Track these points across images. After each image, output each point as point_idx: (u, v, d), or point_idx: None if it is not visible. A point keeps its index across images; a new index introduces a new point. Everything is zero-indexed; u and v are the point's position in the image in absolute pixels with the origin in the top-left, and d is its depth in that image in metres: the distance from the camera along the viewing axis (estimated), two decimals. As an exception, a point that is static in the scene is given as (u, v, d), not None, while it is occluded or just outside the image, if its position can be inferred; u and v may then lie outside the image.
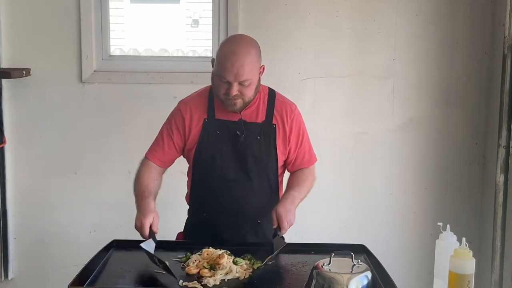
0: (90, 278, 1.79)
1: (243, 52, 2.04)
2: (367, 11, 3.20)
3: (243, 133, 2.13)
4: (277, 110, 2.19)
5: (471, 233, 3.23)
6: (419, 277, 3.20)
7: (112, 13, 3.27)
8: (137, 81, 3.19)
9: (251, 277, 1.81)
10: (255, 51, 2.09)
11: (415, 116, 3.28)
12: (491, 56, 3.20)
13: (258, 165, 2.16)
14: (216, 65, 2.08)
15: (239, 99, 2.07)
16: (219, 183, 2.16)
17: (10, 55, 3.14)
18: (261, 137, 2.15)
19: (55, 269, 3.23)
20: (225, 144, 2.15)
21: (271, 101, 2.19)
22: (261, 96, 2.18)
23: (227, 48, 2.06)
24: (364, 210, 3.31)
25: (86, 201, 3.26)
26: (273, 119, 2.17)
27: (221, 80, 2.06)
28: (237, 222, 2.17)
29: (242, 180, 2.16)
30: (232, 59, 2.01)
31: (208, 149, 2.15)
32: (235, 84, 2.03)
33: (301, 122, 2.24)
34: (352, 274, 1.61)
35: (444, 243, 1.72)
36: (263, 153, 2.16)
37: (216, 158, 2.15)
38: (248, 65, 2.03)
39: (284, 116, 2.18)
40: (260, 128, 2.15)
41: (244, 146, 2.14)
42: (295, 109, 2.23)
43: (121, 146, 3.24)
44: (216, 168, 2.15)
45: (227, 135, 2.15)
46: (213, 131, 2.15)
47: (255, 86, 2.09)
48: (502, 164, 2.91)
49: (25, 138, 3.21)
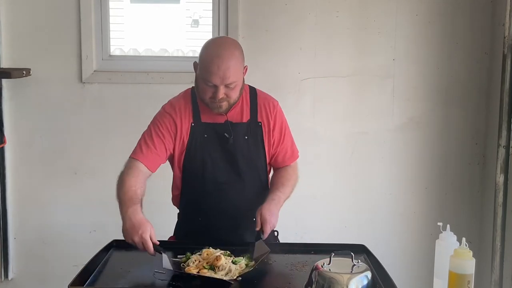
0: (90, 278, 1.80)
1: (227, 54, 2.03)
2: (367, 11, 3.20)
3: (231, 135, 2.13)
4: (260, 107, 2.18)
5: (471, 233, 3.23)
6: (419, 277, 3.20)
7: (112, 13, 3.27)
8: (137, 81, 3.19)
9: (251, 277, 1.81)
10: (238, 52, 2.08)
11: (415, 116, 3.28)
12: (491, 56, 3.20)
13: (249, 165, 2.17)
14: (201, 69, 2.07)
15: (225, 101, 2.07)
16: (211, 186, 2.16)
17: (10, 55, 3.14)
18: (248, 137, 2.16)
19: (55, 269, 3.23)
20: (214, 147, 2.14)
21: (253, 98, 2.19)
22: (243, 95, 2.17)
23: (211, 52, 2.05)
24: (364, 210, 3.31)
25: (86, 201, 3.26)
26: (258, 117, 2.17)
27: (206, 84, 2.04)
28: (233, 222, 2.17)
29: (234, 181, 2.16)
30: (218, 63, 2.00)
31: (198, 153, 2.14)
32: (222, 87, 2.03)
33: (283, 117, 2.24)
34: (352, 274, 1.61)
35: (444, 243, 1.72)
36: (252, 152, 2.16)
37: (207, 162, 2.14)
38: (233, 67, 2.03)
39: (268, 113, 2.18)
40: (246, 128, 2.16)
41: (233, 147, 2.14)
42: (277, 104, 2.23)
43: (121, 146, 3.20)
44: (208, 172, 2.15)
45: (215, 138, 2.14)
46: (200, 135, 2.14)
47: (240, 87, 2.10)
48: (502, 164, 2.91)
49: (25, 138, 3.21)
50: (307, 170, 2.55)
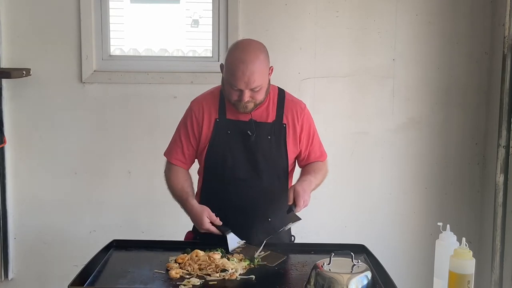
0: (90, 278, 1.80)
1: (252, 59, 2.05)
2: (367, 11, 3.20)
3: (254, 133, 2.15)
4: (287, 109, 2.21)
5: (471, 233, 3.23)
6: (419, 277, 3.20)
7: (112, 13, 3.27)
8: (137, 81, 3.19)
9: (251, 278, 1.81)
10: (263, 55, 2.10)
11: (415, 116, 3.28)
12: (491, 56, 3.20)
13: (269, 165, 2.18)
14: (226, 73, 2.10)
15: (251, 103, 2.10)
16: (230, 183, 2.18)
17: (10, 55, 3.14)
18: (271, 137, 2.17)
19: (55, 269, 3.23)
20: (236, 144, 2.17)
21: (281, 101, 2.22)
22: (270, 96, 2.20)
23: (236, 56, 2.07)
24: (364, 210, 3.31)
25: (86, 201, 3.26)
26: (283, 119, 2.20)
27: (232, 87, 2.08)
28: (248, 220, 2.17)
29: (253, 179, 2.18)
30: (242, 68, 2.03)
31: (220, 149, 2.17)
32: (247, 91, 2.06)
33: (311, 121, 2.28)
34: (352, 274, 1.61)
35: (444, 243, 1.72)
36: (273, 152, 2.18)
37: (228, 158, 2.17)
38: (258, 71, 2.05)
39: (295, 115, 2.21)
40: (270, 128, 2.18)
41: (254, 146, 2.16)
42: (304, 108, 2.26)
43: (121, 146, 3.24)
44: (228, 168, 2.17)
45: (238, 135, 2.17)
46: (224, 131, 2.17)
47: (266, 89, 2.12)
48: (502, 164, 2.91)
49: (25, 138, 3.21)
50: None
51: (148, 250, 2.06)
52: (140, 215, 3.24)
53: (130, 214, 3.25)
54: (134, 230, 3.15)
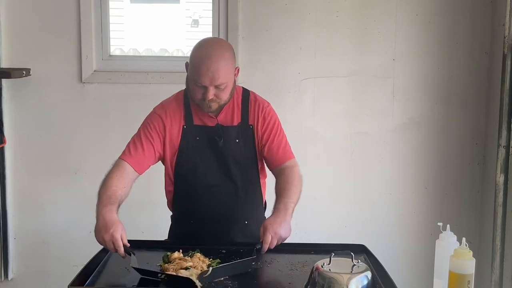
0: (90, 278, 1.80)
1: (217, 55, 2.02)
2: (367, 11, 3.20)
3: (221, 139, 2.12)
4: (251, 110, 2.17)
5: (471, 233, 3.23)
6: (419, 277, 3.20)
7: (112, 13, 3.27)
8: (137, 81, 3.19)
9: (251, 277, 1.81)
10: (229, 54, 2.07)
11: (415, 116, 3.28)
12: (491, 56, 3.20)
13: (240, 168, 2.15)
14: (191, 70, 2.07)
15: (215, 102, 2.06)
16: (203, 189, 2.15)
17: (10, 55, 3.14)
18: (239, 140, 2.14)
19: (55, 269, 3.24)
20: (205, 150, 2.13)
21: (245, 102, 2.17)
22: (235, 98, 2.16)
23: (201, 52, 2.04)
24: (364, 210, 3.31)
25: (86, 201, 3.22)
26: (249, 120, 2.16)
27: (196, 84, 2.04)
28: (225, 226, 2.16)
29: (226, 184, 2.15)
30: (207, 63, 2.00)
31: (190, 156, 2.14)
32: (211, 88, 2.02)
33: (275, 118, 2.18)
34: (352, 274, 1.61)
35: (444, 243, 1.72)
36: (243, 155, 2.15)
37: (198, 165, 2.14)
38: (223, 68, 2.02)
39: (259, 115, 2.16)
40: (237, 131, 2.14)
41: (224, 151, 2.13)
42: (267, 105, 2.19)
43: (121, 146, 3.20)
44: (199, 174, 2.14)
45: (206, 141, 2.13)
46: (192, 137, 2.14)
47: (231, 88, 2.09)
48: (502, 164, 2.91)
49: (25, 138, 3.21)
50: (307, 170, 2.53)
51: (148, 250, 2.06)
52: (140, 215, 3.23)
53: (130, 214, 3.23)
54: (134, 231, 3.14)
